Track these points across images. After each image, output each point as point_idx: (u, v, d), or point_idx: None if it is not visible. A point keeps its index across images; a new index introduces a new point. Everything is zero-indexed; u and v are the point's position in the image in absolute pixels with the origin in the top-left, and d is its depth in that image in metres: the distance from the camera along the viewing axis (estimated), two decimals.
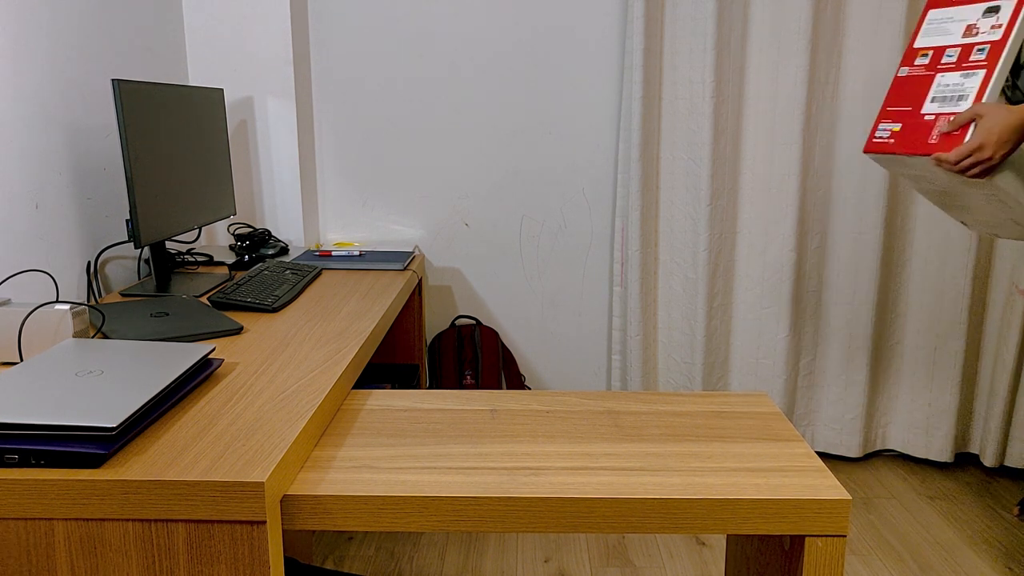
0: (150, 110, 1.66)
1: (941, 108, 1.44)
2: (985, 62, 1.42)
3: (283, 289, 1.64)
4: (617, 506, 0.91)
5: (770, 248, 2.45)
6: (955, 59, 1.45)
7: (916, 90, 1.47)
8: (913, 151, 1.44)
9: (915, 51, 1.48)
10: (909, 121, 1.46)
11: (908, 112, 1.47)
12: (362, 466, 0.98)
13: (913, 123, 1.45)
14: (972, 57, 1.44)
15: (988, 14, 1.44)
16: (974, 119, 1.38)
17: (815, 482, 0.94)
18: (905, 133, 1.46)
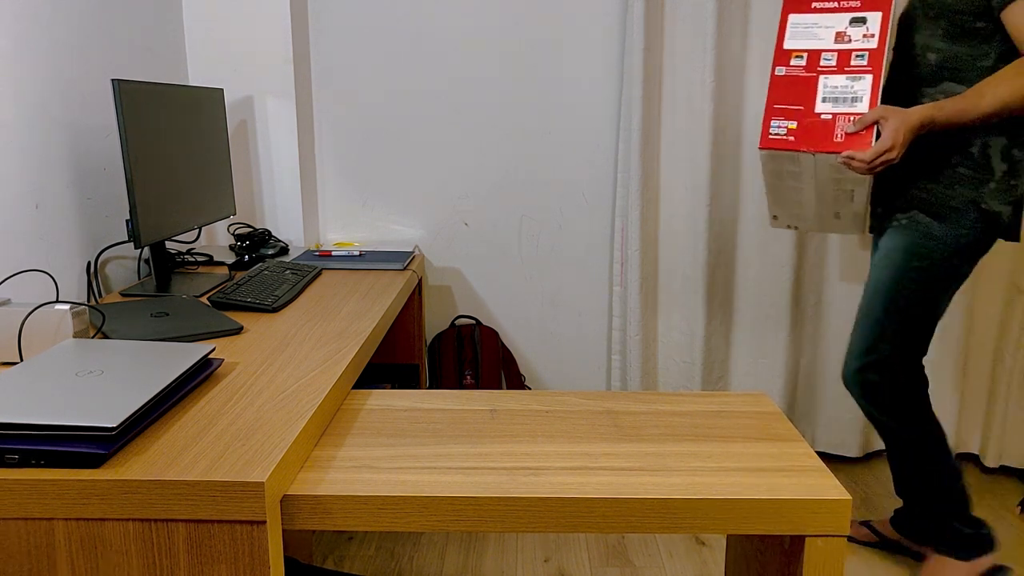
0: (150, 110, 1.66)
1: (836, 108, 1.51)
2: (869, 68, 1.53)
3: (283, 289, 1.64)
4: (617, 506, 0.91)
5: (770, 248, 2.45)
6: (835, 63, 1.54)
7: (802, 90, 1.53)
8: (820, 148, 1.50)
9: (787, 52, 1.55)
10: (804, 120, 1.52)
11: (800, 111, 1.52)
12: (362, 466, 0.98)
13: (810, 122, 1.52)
14: (854, 62, 1.54)
15: (856, 24, 1.56)
16: (879, 120, 1.46)
17: (815, 482, 0.94)
18: (805, 131, 1.51)
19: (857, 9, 1.57)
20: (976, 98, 1.47)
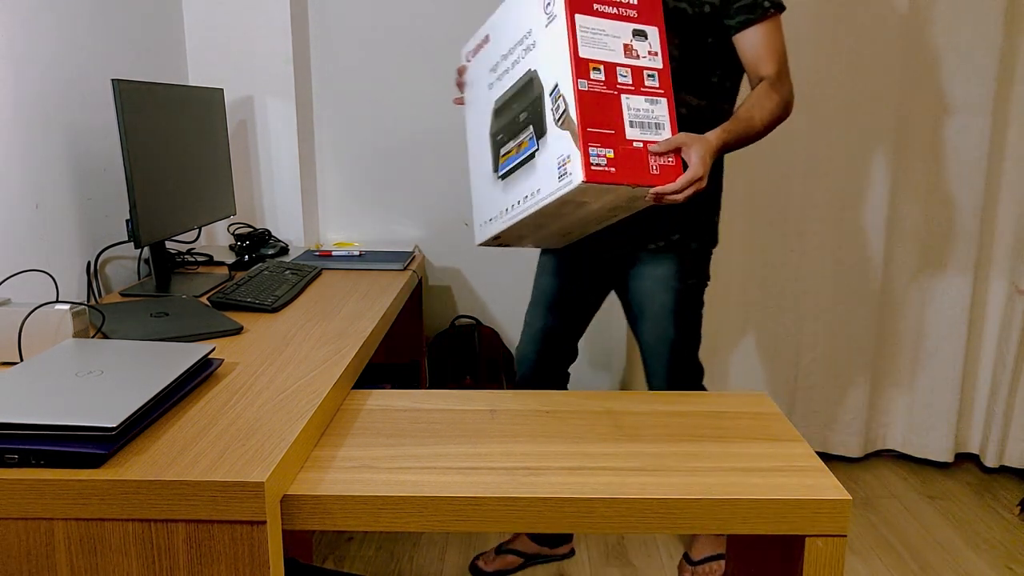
0: (150, 110, 1.66)
1: (643, 135, 1.33)
2: (661, 90, 1.38)
3: (283, 289, 1.64)
4: (616, 506, 0.91)
5: (770, 248, 2.45)
6: (631, 81, 1.36)
7: (607, 111, 1.31)
8: (640, 182, 1.30)
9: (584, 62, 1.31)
10: (619, 147, 1.31)
11: (613, 136, 1.31)
12: (362, 466, 0.98)
13: (624, 150, 1.31)
14: (647, 83, 1.38)
15: (638, 38, 1.38)
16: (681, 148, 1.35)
17: (815, 482, 0.94)
18: (622, 161, 1.30)
19: (635, 20, 1.38)
20: (749, 121, 1.46)
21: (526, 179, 1.38)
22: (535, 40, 1.36)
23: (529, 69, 1.38)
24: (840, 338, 2.49)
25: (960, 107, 2.31)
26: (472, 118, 1.56)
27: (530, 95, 1.38)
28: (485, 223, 1.51)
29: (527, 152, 1.38)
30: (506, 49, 1.44)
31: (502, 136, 1.46)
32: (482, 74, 1.52)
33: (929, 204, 2.40)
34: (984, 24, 2.24)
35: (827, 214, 2.42)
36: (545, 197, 1.33)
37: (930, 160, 2.37)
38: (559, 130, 1.30)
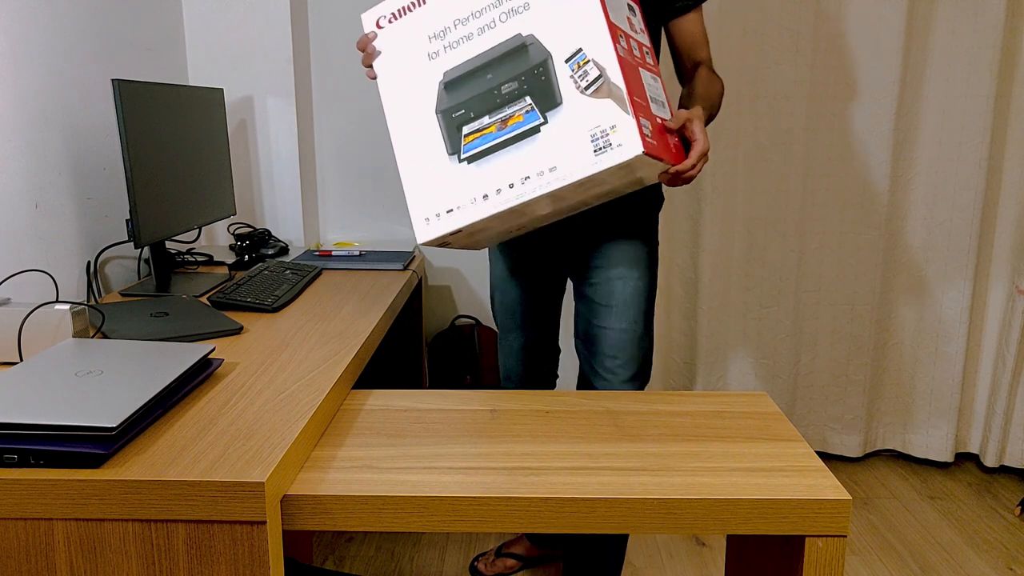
0: (150, 110, 1.66)
1: (660, 112, 1.26)
2: (654, 67, 1.31)
3: (283, 289, 1.64)
4: (617, 506, 0.91)
5: (770, 248, 2.45)
6: (639, 55, 1.28)
7: (637, 82, 1.22)
8: (671, 160, 1.23)
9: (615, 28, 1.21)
10: (652, 122, 1.22)
11: (645, 108, 1.22)
12: (362, 466, 0.98)
13: (655, 125, 1.23)
14: (647, 59, 1.30)
15: (631, 12, 1.31)
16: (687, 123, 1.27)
17: (815, 482, 0.94)
18: (656, 136, 1.22)
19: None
20: (711, 100, 1.42)
21: (524, 157, 1.23)
22: (527, 2, 1.22)
23: (517, 34, 1.24)
24: (840, 338, 2.49)
25: (960, 107, 2.31)
26: (396, 94, 1.33)
27: (523, 63, 1.24)
28: (440, 215, 1.30)
29: (521, 127, 1.24)
30: (466, 12, 1.27)
31: (464, 112, 1.28)
32: (412, 43, 1.31)
33: (929, 204, 2.40)
34: (985, 24, 2.24)
35: (827, 214, 2.42)
36: (570, 174, 1.20)
37: (930, 160, 2.37)
38: (588, 99, 1.18)
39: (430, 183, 1.31)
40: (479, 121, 1.27)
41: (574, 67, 1.20)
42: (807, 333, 2.51)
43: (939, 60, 2.29)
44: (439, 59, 1.29)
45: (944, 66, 2.29)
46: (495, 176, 1.26)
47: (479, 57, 1.26)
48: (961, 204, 2.36)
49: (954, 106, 2.31)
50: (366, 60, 1.36)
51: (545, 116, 1.22)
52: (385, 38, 1.34)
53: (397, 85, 1.33)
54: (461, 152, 1.28)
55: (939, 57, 2.29)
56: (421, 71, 1.31)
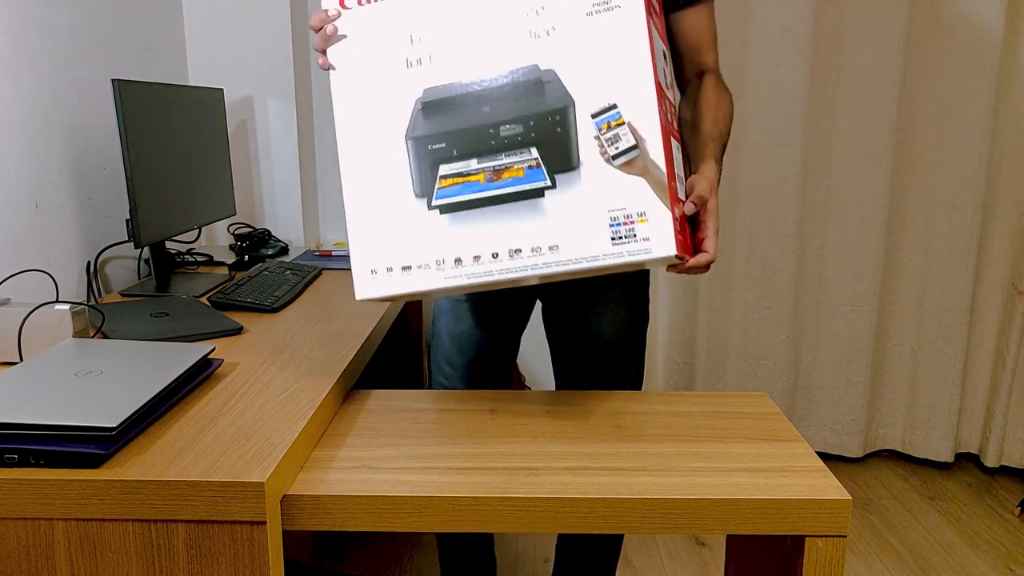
0: (150, 110, 1.66)
1: (681, 190, 1.02)
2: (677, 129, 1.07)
3: (283, 289, 1.64)
4: (617, 506, 0.91)
5: (770, 248, 2.45)
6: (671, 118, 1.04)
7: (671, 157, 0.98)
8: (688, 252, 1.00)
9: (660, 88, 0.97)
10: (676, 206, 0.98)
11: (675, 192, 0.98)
12: (362, 466, 0.98)
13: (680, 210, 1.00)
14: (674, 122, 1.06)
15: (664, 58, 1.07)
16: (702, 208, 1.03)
17: (815, 482, 0.94)
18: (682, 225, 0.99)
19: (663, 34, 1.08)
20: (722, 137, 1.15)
21: (518, 224, 0.98)
22: (554, 25, 0.95)
23: (534, 65, 0.97)
24: (840, 338, 2.49)
25: (960, 107, 2.31)
26: (354, 100, 1.03)
27: (536, 104, 0.97)
28: (392, 271, 1.03)
29: (520, 185, 0.97)
30: (466, 18, 1.00)
31: (443, 147, 1.00)
32: (385, 39, 1.02)
33: (929, 204, 2.40)
34: (985, 24, 2.24)
35: (827, 214, 2.42)
36: (576, 260, 0.96)
37: (930, 160, 2.37)
38: (614, 170, 0.95)
39: (384, 228, 1.02)
40: (463, 163, 1.00)
41: (602, 126, 0.96)
42: (807, 333, 2.51)
43: (939, 60, 2.29)
44: (420, 69, 1.01)
45: (944, 66, 2.29)
46: (474, 238, 0.99)
47: (476, 80, 0.99)
48: (961, 204, 2.36)
49: (954, 106, 2.31)
50: (321, 44, 1.05)
51: (553, 178, 0.97)
52: (350, 22, 1.03)
53: (357, 88, 1.03)
54: (433, 197, 1.00)
55: (939, 57, 2.29)
56: (393, 79, 1.01)
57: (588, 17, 0.95)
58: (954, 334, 2.44)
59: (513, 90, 0.98)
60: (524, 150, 0.98)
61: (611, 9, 0.95)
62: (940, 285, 2.43)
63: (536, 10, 0.97)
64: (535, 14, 0.97)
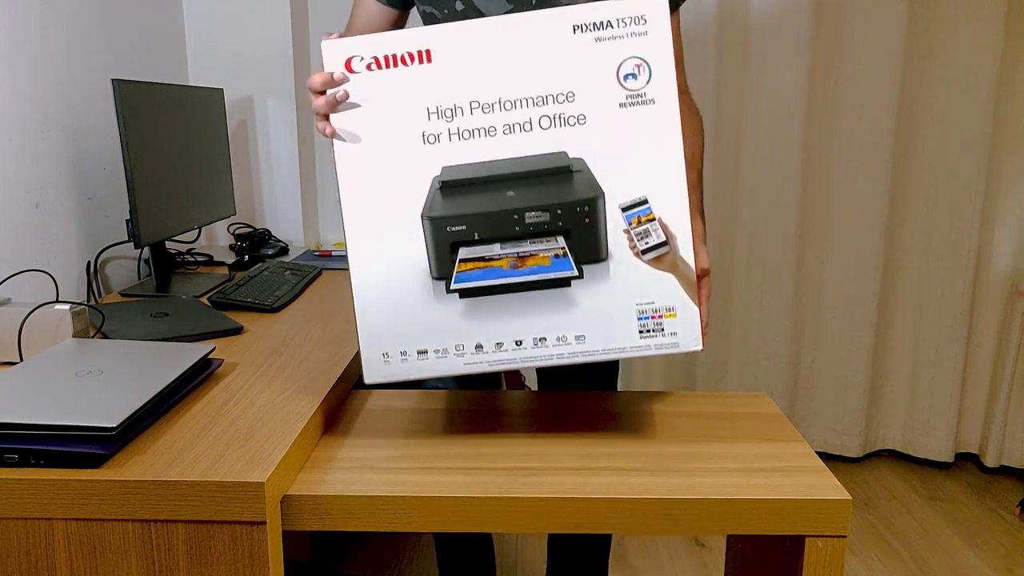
0: (150, 110, 1.66)
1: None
2: None
3: (283, 289, 1.64)
4: (617, 506, 0.91)
5: (770, 248, 2.45)
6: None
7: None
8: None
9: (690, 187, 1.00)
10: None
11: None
12: (362, 466, 0.98)
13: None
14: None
15: None
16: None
17: (815, 482, 0.94)
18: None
19: None
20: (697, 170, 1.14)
21: (543, 313, 0.96)
22: (585, 113, 0.93)
23: (563, 152, 0.94)
24: (840, 338, 2.49)
25: (961, 107, 2.31)
26: (363, 174, 0.97)
27: (564, 193, 0.95)
28: (407, 355, 0.99)
29: (546, 274, 0.96)
30: (491, 97, 0.95)
31: (464, 230, 0.96)
32: (400, 111, 0.96)
33: (929, 204, 2.40)
34: (985, 24, 2.24)
35: (827, 214, 2.42)
36: (603, 350, 0.97)
37: (930, 160, 2.37)
38: (642, 264, 0.95)
39: (397, 310, 0.97)
40: (485, 248, 0.96)
41: (632, 220, 0.95)
42: (807, 333, 2.51)
43: (939, 60, 2.29)
44: (438, 147, 0.95)
45: (944, 66, 2.29)
46: (496, 325, 0.97)
47: (500, 163, 0.95)
48: (961, 205, 2.36)
49: (954, 107, 2.31)
50: (325, 108, 0.97)
51: (581, 268, 0.95)
52: (359, 88, 0.96)
53: (368, 162, 0.96)
54: (452, 281, 0.96)
55: (939, 57, 2.29)
56: (408, 154, 0.96)
57: (621, 108, 0.93)
58: (954, 334, 2.44)
59: (540, 176, 0.95)
60: (551, 238, 0.96)
61: (645, 103, 0.93)
62: (940, 285, 2.43)
63: (566, 95, 0.94)
64: (566, 100, 0.94)
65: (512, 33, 0.93)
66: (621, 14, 0.92)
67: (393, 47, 0.95)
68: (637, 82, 0.93)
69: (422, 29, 0.94)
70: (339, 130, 0.97)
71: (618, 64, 0.93)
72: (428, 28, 0.94)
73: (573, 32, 0.92)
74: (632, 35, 0.92)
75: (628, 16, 0.92)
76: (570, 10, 0.92)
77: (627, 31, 0.92)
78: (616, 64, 0.93)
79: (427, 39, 0.94)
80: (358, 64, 0.96)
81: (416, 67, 0.95)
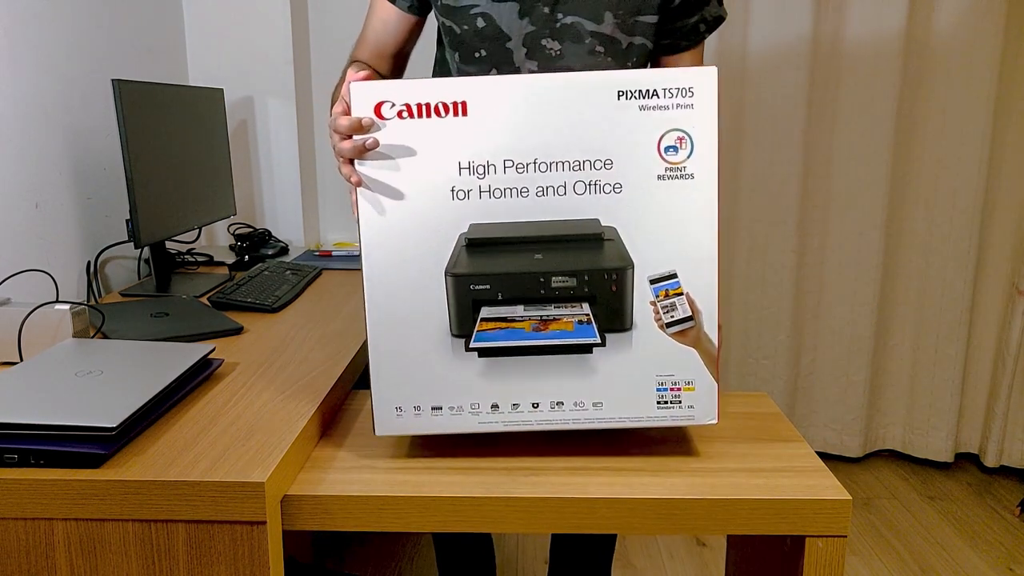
0: (150, 110, 1.66)
1: None
2: None
3: (283, 289, 1.64)
4: (617, 506, 0.91)
5: (770, 248, 2.45)
6: None
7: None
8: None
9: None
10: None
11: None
12: (362, 466, 0.98)
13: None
14: None
15: None
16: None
17: (815, 482, 0.94)
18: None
19: None
20: None
21: (562, 377, 0.96)
22: (622, 182, 0.92)
23: (595, 219, 0.93)
24: (840, 338, 2.49)
25: (960, 107, 2.31)
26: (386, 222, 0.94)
27: (593, 260, 0.94)
28: (420, 410, 0.98)
29: (569, 339, 0.95)
30: (526, 157, 0.92)
31: (488, 289, 0.95)
32: (430, 162, 0.92)
33: (929, 204, 2.40)
34: (986, 24, 2.24)
35: (827, 214, 2.42)
36: (619, 418, 0.97)
37: (930, 160, 2.37)
38: (665, 336, 0.95)
39: (414, 365, 0.97)
40: (508, 308, 0.95)
41: (660, 293, 0.94)
42: (807, 333, 2.51)
43: (939, 60, 2.29)
44: (467, 203, 0.93)
45: (944, 66, 2.29)
46: (514, 387, 0.96)
47: (530, 224, 0.93)
48: (961, 204, 2.36)
49: (954, 106, 2.31)
50: (351, 153, 0.92)
51: (604, 336, 0.95)
52: (389, 136, 0.92)
53: (392, 213, 0.94)
54: (472, 339, 0.95)
55: (939, 57, 2.29)
56: (436, 209, 0.93)
57: (660, 180, 0.92)
58: (954, 334, 2.44)
59: (571, 242, 0.94)
60: (576, 304, 0.95)
61: (684, 177, 0.92)
62: (940, 285, 2.43)
63: (604, 162, 0.92)
64: (603, 167, 0.92)
65: (555, 93, 0.90)
66: (669, 84, 0.90)
67: (428, 96, 0.91)
68: (678, 155, 0.92)
69: (460, 80, 0.90)
70: (366, 177, 0.93)
71: (660, 135, 0.91)
72: (466, 79, 0.91)
73: (618, 98, 0.90)
74: (678, 107, 0.90)
75: (676, 87, 0.90)
76: (617, 75, 0.90)
77: (673, 102, 0.90)
78: (658, 135, 0.91)
79: (465, 91, 0.90)
80: (388, 110, 0.92)
81: (451, 119, 0.91)
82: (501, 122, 0.91)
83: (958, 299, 2.41)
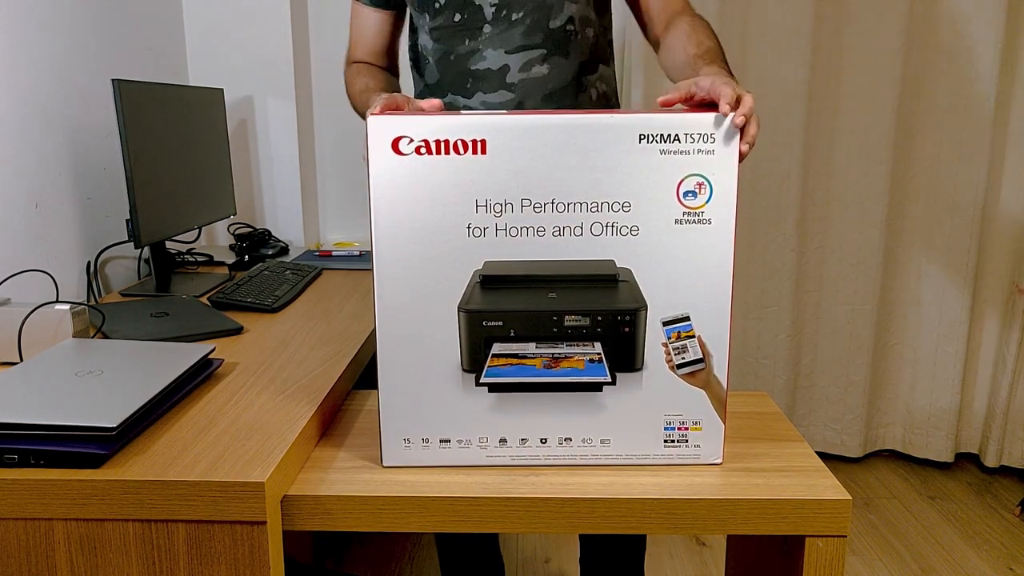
0: (150, 110, 1.66)
1: None
2: None
3: (283, 289, 1.64)
4: (617, 506, 0.91)
5: (770, 248, 2.45)
6: None
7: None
8: None
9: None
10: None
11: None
12: (362, 466, 0.98)
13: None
14: None
15: None
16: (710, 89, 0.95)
17: (815, 482, 0.94)
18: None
19: None
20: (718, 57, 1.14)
21: (571, 414, 0.97)
22: (639, 225, 0.92)
23: (611, 260, 0.93)
24: (840, 338, 2.49)
25: (960, 106, 2.31)
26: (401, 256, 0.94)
27: (607, 300, 0.94)
28: (428, 443, 0.98)
29: (579, 377, 0.96)
30: (544, 197, 0.92)
31: (500, 326, 0.95)
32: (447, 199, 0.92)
33: (929, 204, 2.40)
34: (986, 24, 2.24)
35: (827, 214, 2.42)
36: (626, 456, 0.98)
37: (930, 160, 2.37)
38: (675, 376, 0.96)
39: (423, 398, 0.97)
40: (520, 345, 0.96)
41: (672, 335, 0.95)
42: (807, 333, 2.51)
43: (939, 60, 2.29)
44: (483, 240, 0.92)
45: (944, 65, 2.29)
46: (523, 422, 0.98)
47: (544, 263, 0.93)
48: (961, 204, 2.36)
49: (954, 106, 2.31)
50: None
51: (615, 375, 0.96)
52: (406, 172, 0.92)
53: (407, 246, 0.93)
54: (483, 374, 0.96)
55: (939, 57, 2.29)
56: (451, 245, 0.93)
57: (677, 224, 0.92)
58: (954, 334, 2.44)
59: (585, 282, 0.94)
60: (588, 343, 0.96)
61: (702, 222, 0.92)
62: (940, 285, 2.43)
63: (622, 205, 0.91)
64: (621, 209, 0.91)
65: (575, 134, 0.90)
66: (690, 129, 0.89)
67: (446, 133, 0.90)
68: (696, 200, 0.91)
69: (479, 118, 0.90)
70: (380, 211, 0.93)
71: (680, 180, 0.91)
72: (486, 117, 0.89)
73: (639, 141, 0.89)
74: (699, 152, 0.90)
75: (697, 132, 0.89)
76: (639, 118, 0.89)
77: (694, 147, 0.90)
78: (678, 179, 0.91)
79: (484, 129, 0.90)
80: (406, 146, 0.92)
81: (469, 157, 0.91)
82: (520, 161, 0.91)
83: (958, 299, 2.41)
